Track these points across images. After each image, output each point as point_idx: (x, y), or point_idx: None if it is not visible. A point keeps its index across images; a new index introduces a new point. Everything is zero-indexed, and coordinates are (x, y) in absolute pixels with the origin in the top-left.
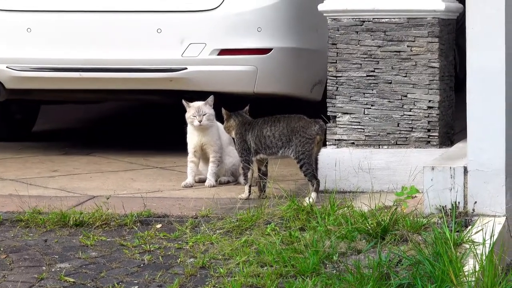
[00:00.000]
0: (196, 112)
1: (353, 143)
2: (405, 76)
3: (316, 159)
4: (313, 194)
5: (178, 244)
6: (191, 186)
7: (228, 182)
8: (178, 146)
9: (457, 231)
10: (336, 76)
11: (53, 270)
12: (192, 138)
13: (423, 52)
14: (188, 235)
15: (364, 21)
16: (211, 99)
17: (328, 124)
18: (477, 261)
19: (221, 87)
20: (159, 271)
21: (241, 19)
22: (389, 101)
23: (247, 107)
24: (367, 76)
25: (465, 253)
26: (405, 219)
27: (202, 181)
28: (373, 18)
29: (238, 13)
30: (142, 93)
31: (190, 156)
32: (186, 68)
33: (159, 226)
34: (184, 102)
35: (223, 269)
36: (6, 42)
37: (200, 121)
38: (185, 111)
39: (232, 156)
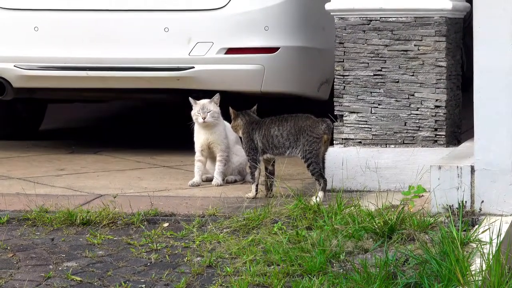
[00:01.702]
0: (201, 109)
1: (360, 142)
2: (412, 75)
3: (323, 158)
4: (320, 193)
5: (185, 243)
6: (198, 185)
7: (235, 181)
8: (185, 144)
9: (464, 230)
10: (343, 75)
11: (60, 268)
12: (199, 137)
13: (430, 51)
14: (195, 234)
15: (371, 20)
16: (216, 97)
17: (335, 123)
18: (484, 261)
19: (228, 86)
20: (166, 270)
21: (248, 18)
22: (396, 100)
23: (254, 107)
24: (374, 75)
25: (472, 252)
26: (412, 218)
27: (209, 180)
28: (380, 17)
29: (245, 12)
30: (149, 92)
31: (197, 155)
32: (193, 67)
33: (166, 225)
34: (191, 99)
35: (230, 268)
36: (14, 41)
37: (204, 118)
38: (191, 109)
39: (239, 155)
